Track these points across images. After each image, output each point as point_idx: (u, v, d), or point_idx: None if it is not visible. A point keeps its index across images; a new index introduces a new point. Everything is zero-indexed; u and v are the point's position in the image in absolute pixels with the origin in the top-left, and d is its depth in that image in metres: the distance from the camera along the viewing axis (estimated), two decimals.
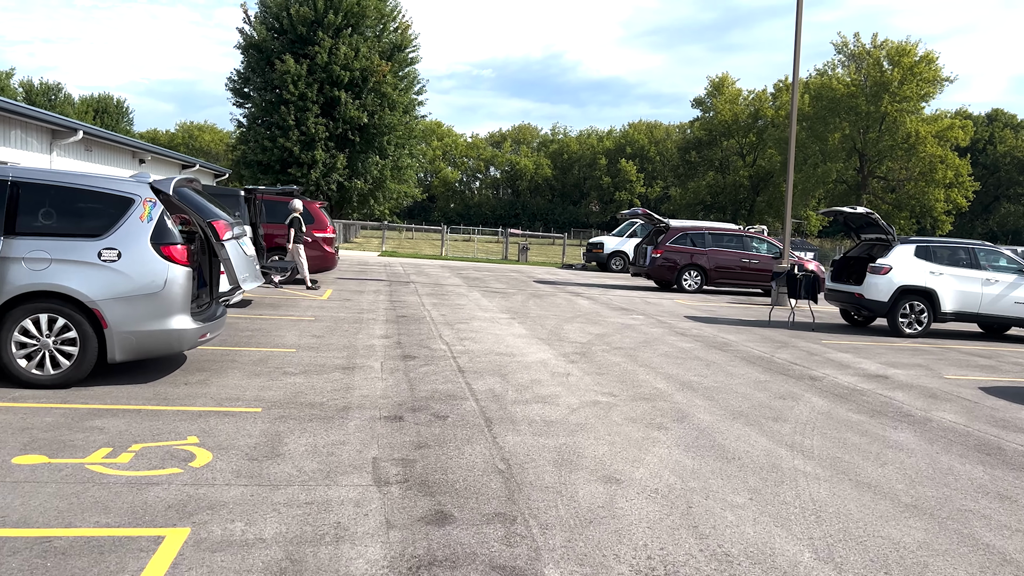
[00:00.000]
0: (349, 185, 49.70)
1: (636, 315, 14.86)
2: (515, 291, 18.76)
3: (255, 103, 49.48)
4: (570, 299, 17.42)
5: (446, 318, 12.73)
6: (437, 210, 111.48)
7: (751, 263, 21.53)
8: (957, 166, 52.46)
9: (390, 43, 51.40)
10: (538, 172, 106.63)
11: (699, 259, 21.35)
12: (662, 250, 21.38)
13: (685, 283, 21.37)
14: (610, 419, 6.64)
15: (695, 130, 74.68)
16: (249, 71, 49.72)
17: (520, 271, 27.62)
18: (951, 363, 11.12)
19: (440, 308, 14.14)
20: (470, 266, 29.15)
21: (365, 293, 16.13)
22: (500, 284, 20.70)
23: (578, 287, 21.25)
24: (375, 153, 50.19)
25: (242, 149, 50.83)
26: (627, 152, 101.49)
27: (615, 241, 30.79)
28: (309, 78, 47.36)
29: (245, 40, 49.20)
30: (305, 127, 47.21)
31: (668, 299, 18.94)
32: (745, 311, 17.13)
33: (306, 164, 47.76)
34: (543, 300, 16.85)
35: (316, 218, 16.92)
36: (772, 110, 65.65)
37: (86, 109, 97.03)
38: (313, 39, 47.69)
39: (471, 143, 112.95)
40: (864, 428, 6.90)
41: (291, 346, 9.23)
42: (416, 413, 6.45)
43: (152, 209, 6.76)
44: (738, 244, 21.82)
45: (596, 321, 13.51)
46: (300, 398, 6.74)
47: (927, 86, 50.52)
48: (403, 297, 15.73)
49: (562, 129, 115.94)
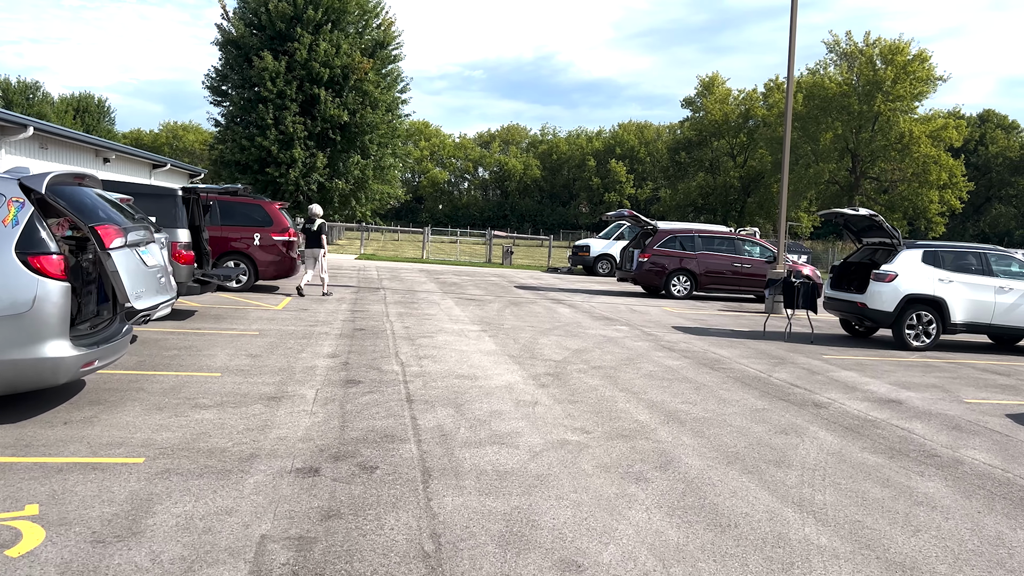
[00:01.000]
0: (330, 185, 48.36)
1: (620, 326, 13.68)
2: (492, 298, 17.55)
3: (233, 101, 48.09)
4: (550, 307, 16.22)
5: (409, 331, 11.50)
6: (425, 211, 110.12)
7: (743, 267, 20.39)
8: (951, 167, 51.60)
9: (372, 40, 50.10)
10: (527, 173, 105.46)
11: (688, 263, 20.21)
12: (649, 254, 20.23)
13: (674, 289, 20.22)
14: (579, 467, 5.44)
15: (685, 130, 73.73)
16: (227, 68, 48.31)
17: (502, 275, 26.42)
18: (968, 383, 9.98)
19: (405, 319, 12.92)
20: (450, 270, 27.93)
21: (327, 301, 14.88)
22: (478, 290, 19.49)
23: (561, 293, 20.07)
24: (357, 153, 48.87)
25: (220, 149, 49.43)
26: (617, 153, 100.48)
27: (602, 244, 29.65)
28: (288, 75, 46.01)
29: (223, 36, 47.81)
30: (284, 126, 45.84)
31: (655, 306, 17.77)
32: (737, 319, 15.97)
33: (285, 164, 46.39)
34: (521, 309, 15.65)
35: (275, 220, 15.67)
36: (763, 110, 64.71)
37: (66, 108, 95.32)
38: (292, 35, 46.35)
39: (459, 143, 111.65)
40: (885, 475, 5.73)
41: (217, 369, 7.99)
42: (338, 463, 5.23)
43: (19, 211, 5.52)
44: (729, 247, 20.69)
45: (575, 333, 12.31)
46: (200, 442, 5.51)
47: (920, 85, 49.63)
48: (368, 306, 14.49)
49: (551, 129, 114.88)
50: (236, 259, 15.42)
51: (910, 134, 49.61)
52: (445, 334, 11.46)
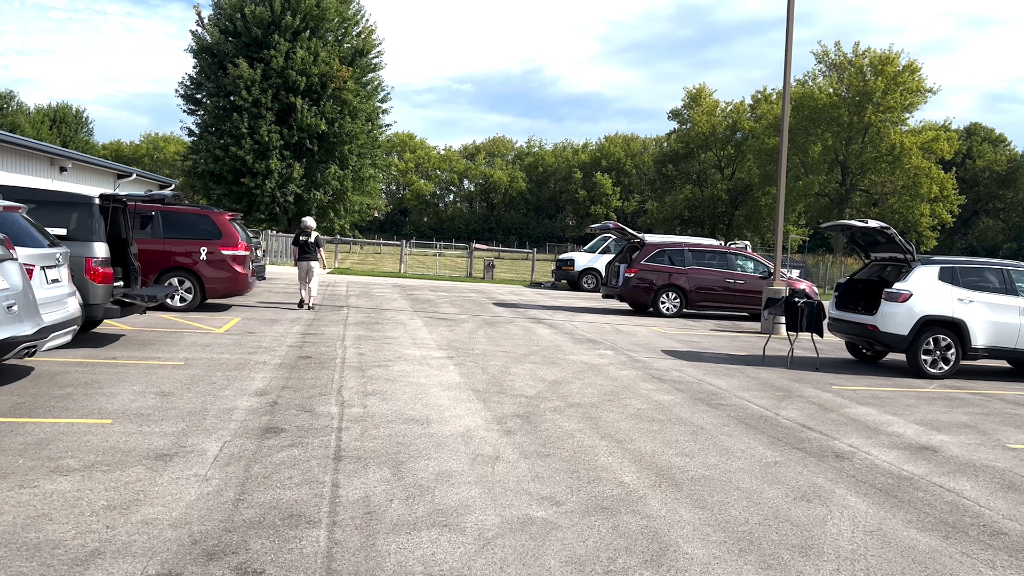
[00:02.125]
0: (307, 197, 46.84)
1: (604, 350, 12.31)
2: (467, 317, 16.15)
3: (207, 110, 46.57)
4: (529, 328, 14.83)
5: (363, 359, 10.08)
6: (409, 224, 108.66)
7: (736, 283, 19.10)
8: (942, 180, 50.75)
9: (352, 48, 48.75)
10: (513, 185, 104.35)
11: (678, 279, 18.89)
12: (636, 269, 18.90)
13: (663, 306, 18.88)
14: (543, 563, 4.04)
15: (672, 143, 72.80)
16: (202, 76, 46.80)
17: (482, 291, 25.02)
18: (1004, 420, 8.66)
19: (363, 343, 11.50)
20: (428, 285, 26.50)
21: (280, 323, 13.43)
22: (452, 308, 18.08)
23: (542, 311, 18.69)
24: (335, 163, 47.41)
25: (193, 159, 47.87)
26: (603, 165, 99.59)
27: (587, 258, 28.34)
28: (263, 83, 44.55)
29: (198, 44, 46.35)
30: (259, 135, 44.34)
31: (643, 325, 16.42)
32: (732, 341, 14.63)
33: (260, 174, 44.86)
34: (496, 330, 14.25)
35: (225, 232, 14.22)
36: (751, 122, 63.84)
37: (42, 119, 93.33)
38: (269, 42, 44.92)
39: (444, 155, 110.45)
40: (946, 568, 4.35)
41: (111, 414, 6.54)
42: (210, 565, 3.80)
43: None
44: (721, 262, 19.40)
45: (554, 360, 10.92)
46: (31, 531, 4.06)
47: (911, 96, 48.83)
48: (324, 328, 13.05)
49: (538, 142, 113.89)
50: (181, 275, 13.95)
51: (901, 145, 48.73)
52: (404, 362, 10.03)
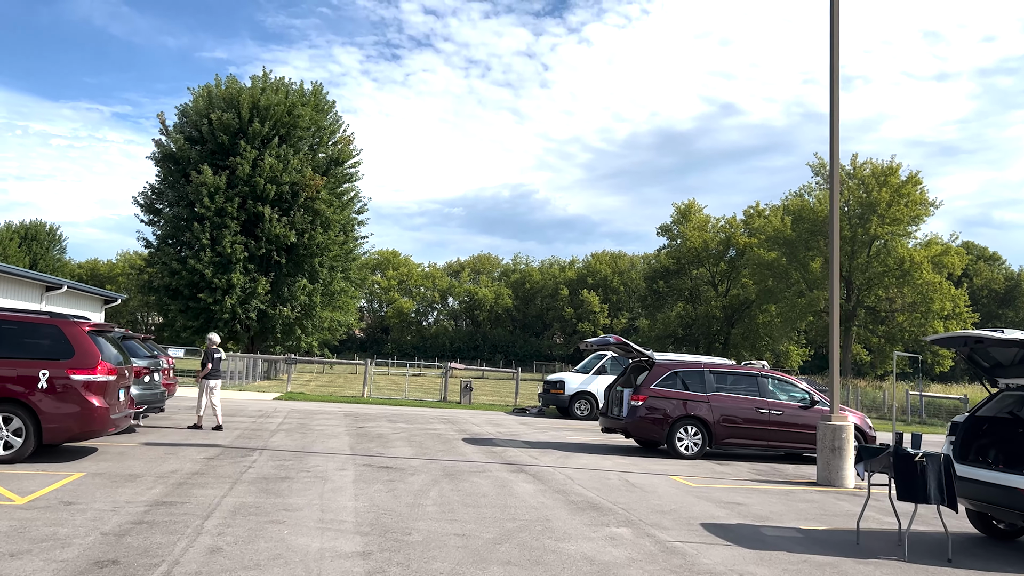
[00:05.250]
0: (272, 313, 42.90)
1: (616, 527, 8.07)
2: (421, 463, 11.88)
3: (166, 219, 43.29)
4: (505, 483, 10.57)
5: (208, 568, 5.82)
6: (391, 342, 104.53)
7: (772, 415, 15.00)
8: (954, 296, 47.62)
9: (327, 157, 46.16)
10: (498, 302, 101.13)
11: (698, 409, 14.79)
12: (645, 395, 14.83)
13: (680, 444, 14.69)
14: None
15: (662, 259, 70.19)
16: (164, 185, 43.85)
17: (453, 420, 20.72)
18: None
19: (235, 524, 7.24)
20: (390, 413, 22.18)
21: (138, 480, 9.15)
22: (407, 448, 13.80)
23: (524, 450, 14.42)
24: (304, 276, 43.76)
25: (149, 272, 44.20)
26: (589, 283, 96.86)
27: (579, 379, 24.23)
28: (229, 191, 41.41)
29: (161, 151, 43.64)
30: (221, 246, 40.77)
31: (661, 474, 12.19)
32: (790, 502, 10.40)
33: (220, 289, 41.00)
34: (458, 487, 9.99)
35: (78, 349, 10.12)
36: (744, 237, 61.37)
37: (11, 236, 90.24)
38: (236, 149, 42.22)
39: (427, 272, 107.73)
40: None
41: None
42: None
43: None
44: (751, 387, 15.36)
45: (539, 559, 6.68)
46: None
47: (916, 208, 46.39)
48: (195, 492, 8.77)
49: (524, 259, 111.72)
50: (6, 410, 9.74)
51: (911, 260, 45.84)
52: (282, 568, 5.80)
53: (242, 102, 42.46)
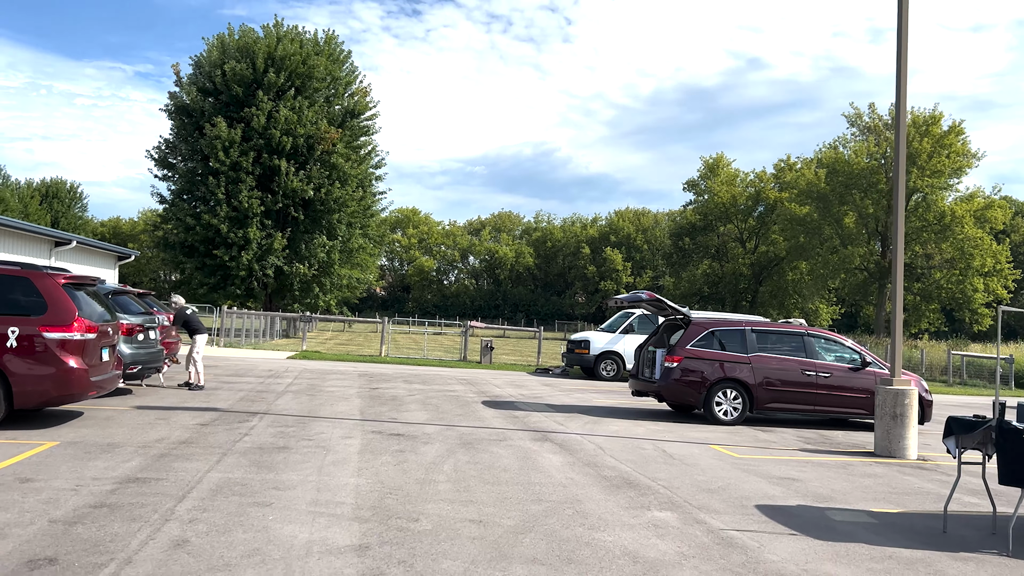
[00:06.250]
0: (289, 270, 41.99)
1: (658, 509, 6.93)
2: (436, 430, 10.80)
3: (180, 174, 42.29)
4: (529, 454, 9.46)
5: (161, 572, 4.75)
6: (412, 301, 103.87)
7: (820, 377, 13.74)
8: (995, 251, 45.56)
9: (343, 109, 44.72)
10: (519, 261, 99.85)
11: (739, 371, 13.57)
12: (681, 356, 13.61)
13: (719, 409, 13.49)
14: None
15: (688, 215, 68.30)
16: (178, 139, 42.75)
17: (473, 381, 19.67)
18: None
19: (214, 507, 6.17)
20: (407, 373, 21.19)
21: (120, 449, 8.13)
22: (422, 412, 12.73)
23: (548, 415, 13.31)
24: (322, 233, 42.72)
25: (164, 229, 43.33)
26: (612, 241, 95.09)
27: (605, 338, 23.05)
28: (244, 145, 40.23)
29: (175, 104, 42.43)
30: (237, 201, 39.73)
31: (700, 443, 11.02)
32: (850, 476, 9.19)
33: (237, 245, 40.12)
34: (475, 458, 8.89)
35: (52, 304, 9.06)
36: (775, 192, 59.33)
37: (32, 194, 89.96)
38: (250, 101, 40.90)
39: (448, 231, 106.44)
40: None
41: None
42: None
43: None
44: (797, 347, 14.07)
45: (571, 553, 5.55)
46: None
47: (958, 159, 44.17)
48: (178, 464, 7.73)
49: (546, 217, 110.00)
50: None
51: (951, 214, 43.78)
52: (254, 571, 4.71)
53: (257, 52, 41.04)
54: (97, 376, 9.49)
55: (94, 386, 9.37)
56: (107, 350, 9.98)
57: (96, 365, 9.53)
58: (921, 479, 9.33)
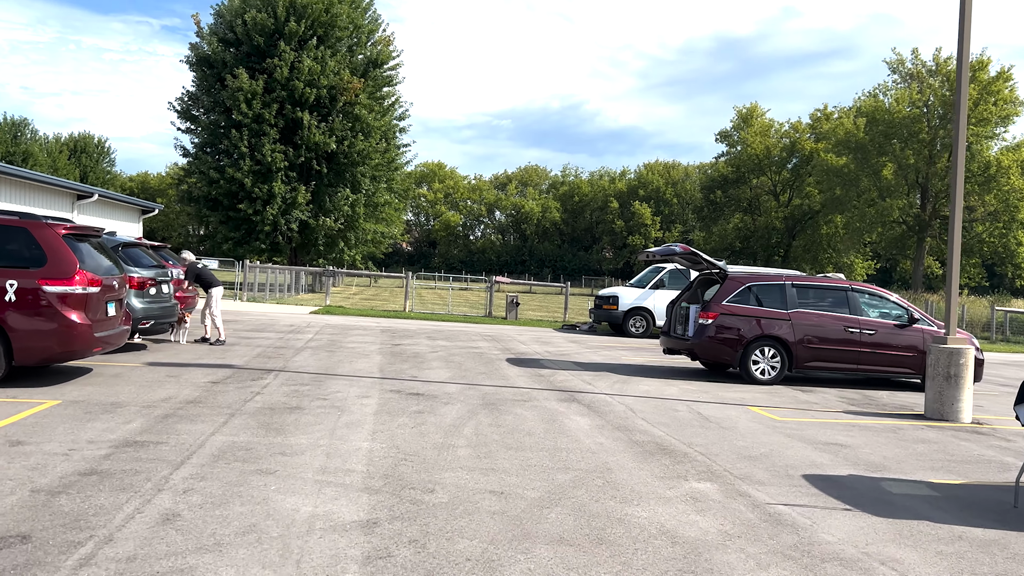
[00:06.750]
0: (315, 224, 41.59)
1: (696, 479, 6.34)
2: (457, 389, 10.28)
3: (203, 126, 41.82)
4: (555, 415, 8.90)
5: (143, 553, 4.26)
6: (437, 256, 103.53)
7: (864, 335, 12.99)
8: None
9: (366, 58, 43.76)
10: (546, 216, 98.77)
11: (778, 328, 12.85)
12: (716, 312, 12.92)
13: (755, 368, 12.83)
14: None
15: (720, 167, 66.65)
16: (200, 90, 42.18)
17: (498, 337, 19.16)
18: None
19: (214, 475, 5.70)
20: (431, 328, 20.73)
21: (123, 409, 7.70)
22: (443, 370, 12.22)
23: (575, 373, 12.75)
24: (346, 186, 42.16)
25: (188, 183, 43.02)
26: (640, 195, 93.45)
27: (634, 294, 22.36)
28: (266, 96, 39.58)
29: (196, 55, 41.75)
30: (260, 154, 39.27)
31: (738, 404, 10.40)
32: (901, 441, 8.52)
33: (260, 199, 39.75)
34: (498, 420, 8.36)
35: (51, 256, 8.59)
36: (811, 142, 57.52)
37: (60, 149, 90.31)
38: (272, 51, 40.11)
39: (474, 185, 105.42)
40: None
41: None
42: None
43: None
44: (839, 303, 13.30)
45: (600, 533, 4.99)
46: None
47: (1006, 107, 42.21)
48: (180, 426, 7.28)
49: (573, 171, 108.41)
50: None
51: (997, 164, 41.99)
52: (246, 550, 4.22)
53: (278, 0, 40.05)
54: (102, 332, 9.06)
55: (99, 342, 8.94)
56: (113, 304, 9.53)
57: (101, 320, 9.09)
58: (980, 445, 8.64)
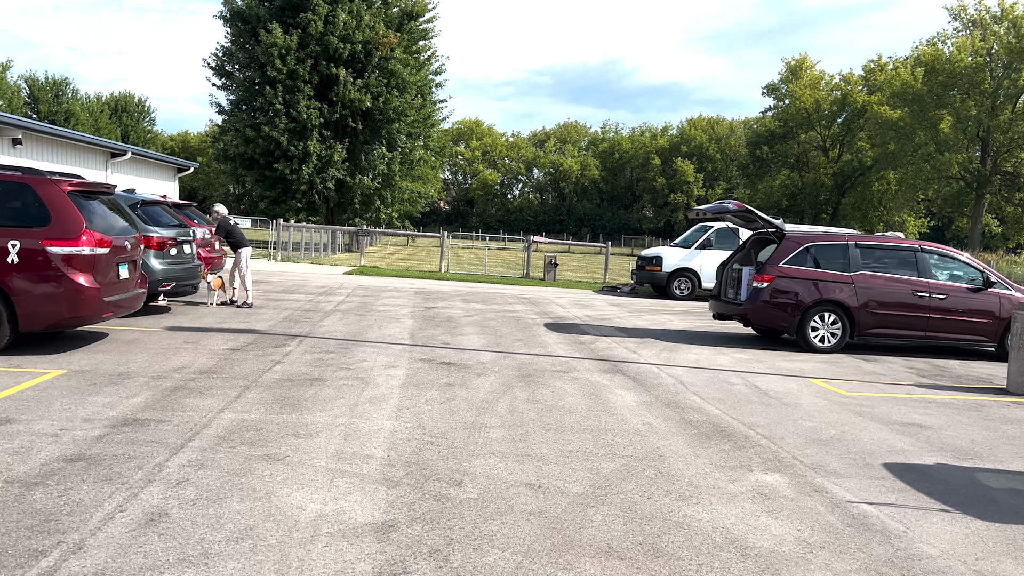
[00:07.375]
0: (351, 182, 40.99)
1: (761, 470, 5.54)
2: (491, 358, 9.56)
3: (238, 83, 41.25)
4: (597, 389, 8.14)
5: (113, 567, 3.60)
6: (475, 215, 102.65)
7: (934, 300, 11.93)
8: None
9: (400, 11, 42.61)
10: (585, 174, 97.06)
11: (839, 292, 11.86)
12: (772, 275, 11.96)
13: (814, 335, 11.89)
14: None
15: (767, 122, 64.37)
16: (235, 46, 41.54)
17: (536, 300, 18.40)
18: None
19: (215, 460, 5.05)
20: (465, 291, 20.05)
21: (131, 380, 7.13)
22: (477, 337, 11.51)
23: (618, 340, 11.94)
24: (382, 144, 41.37)
25: (224, 141, 42.62)
26: (683, 151, 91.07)
27: (679, 254, 21.36)
28: (300, 52, 38.78)
29: (229, 9, 41.03)
30: (296, 112, 38.62)
31: (797, 376, 9.52)
32: (987, 421, 7.59)
33: (297, 158, 39.21)
34: (533, 397, 7.62)
35: (55, 214, 7.99)
36: (863, 95, 55.05)
37: (101, 108, 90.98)
38: (306, 4, 39.20)
39: (512, 143, 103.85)
40: None
41: None
42: None
43: None
44: (907, 265, 12.23)
45: (655, 542, 4.23)
46: None
47: None
48: (189, 401, 6.66)
49: (613, 127, 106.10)
50: None
51: None
52: (238, 562, 3.54)
53: None
54: (113, 296, 8.48)
55: (109, 307, 8.37)
56: (126, 266, 8.95)
57: (112, 283, 8.52)
58: None
